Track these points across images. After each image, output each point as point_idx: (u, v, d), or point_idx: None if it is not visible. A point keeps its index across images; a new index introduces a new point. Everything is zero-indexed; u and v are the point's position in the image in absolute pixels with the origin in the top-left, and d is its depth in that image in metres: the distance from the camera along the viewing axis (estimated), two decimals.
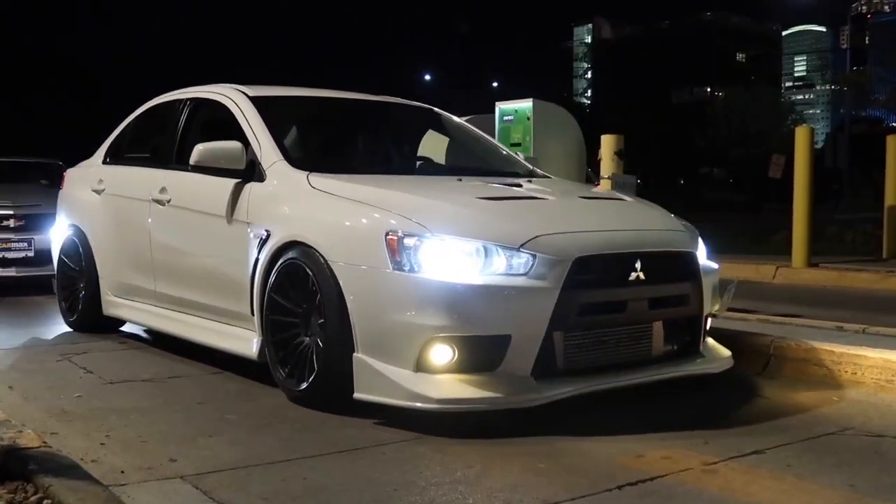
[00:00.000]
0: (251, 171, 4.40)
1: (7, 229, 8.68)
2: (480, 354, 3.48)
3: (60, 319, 6.19)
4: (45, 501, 2.60)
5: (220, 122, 4.91)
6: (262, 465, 3.08)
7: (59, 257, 6.21)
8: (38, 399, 4.06)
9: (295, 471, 3.02)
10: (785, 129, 45.71)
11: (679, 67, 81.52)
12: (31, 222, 8.74)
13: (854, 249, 10.95)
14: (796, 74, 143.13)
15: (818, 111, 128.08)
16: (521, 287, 3.49)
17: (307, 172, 4.22)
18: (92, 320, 5.82)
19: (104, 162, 6.07)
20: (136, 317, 5.45)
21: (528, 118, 6.28)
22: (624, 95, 59.38)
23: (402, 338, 3.49)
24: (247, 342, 4.27)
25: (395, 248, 3.54)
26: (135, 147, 6.02)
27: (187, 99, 5.40)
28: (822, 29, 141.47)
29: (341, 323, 3.64)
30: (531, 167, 5.25)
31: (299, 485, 2.88)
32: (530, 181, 4.78)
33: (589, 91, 76.65)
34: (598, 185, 6.10)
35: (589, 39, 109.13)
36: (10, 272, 8.59)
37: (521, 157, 5.44)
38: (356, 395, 3.61)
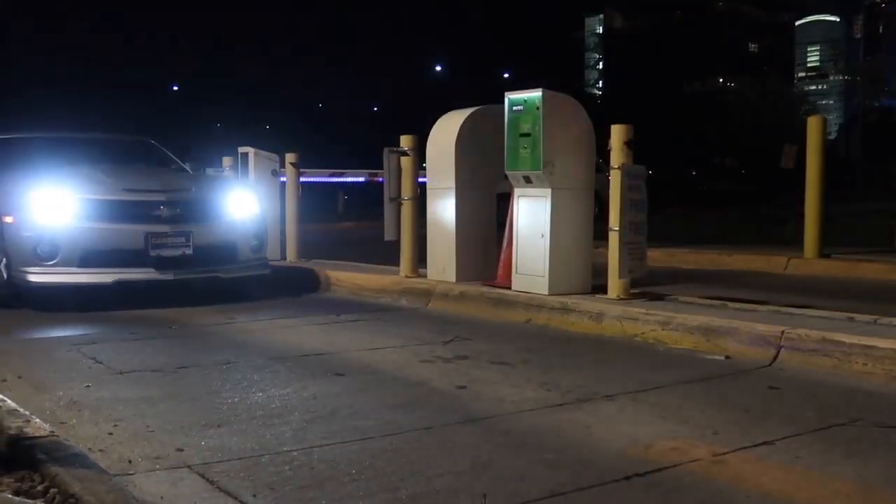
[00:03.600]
0: None
1: (160, 220, 6.58)
2: None
3: (71, 308, 6.12)
4: (52, 490, 2.61)
5: None
6: (271, 454, 3.08)
7: None
8: (47, 389, 4.08)
9: (304, 460, 3.02)
10: (798, 119, 45.42)
11: (691, 58, 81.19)
12: (187, 211, 6.75)
13: (867, 240, 10.87)
14: (809, 65, 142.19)
15: (831, 101, 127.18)
16: None
17: None
18: None
19: None
20: None
21: (538, 108, 6.21)
22: (635, 86, 59.24)
23: None
24: None
25: None
26: None
27: None
28: (836, 19, 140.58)
29: None
30: None
31: (307, 473, 2.88)
32: None
33: (600, 82, 76.47)
34: (608, 175, 6.06)
35: (600, 30, 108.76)
36: (168, 276, 6.55)
37: None
38: None
